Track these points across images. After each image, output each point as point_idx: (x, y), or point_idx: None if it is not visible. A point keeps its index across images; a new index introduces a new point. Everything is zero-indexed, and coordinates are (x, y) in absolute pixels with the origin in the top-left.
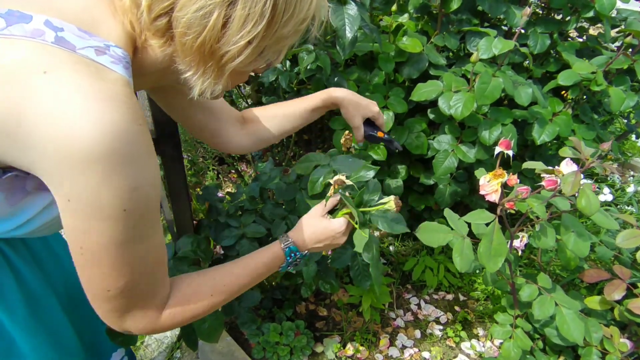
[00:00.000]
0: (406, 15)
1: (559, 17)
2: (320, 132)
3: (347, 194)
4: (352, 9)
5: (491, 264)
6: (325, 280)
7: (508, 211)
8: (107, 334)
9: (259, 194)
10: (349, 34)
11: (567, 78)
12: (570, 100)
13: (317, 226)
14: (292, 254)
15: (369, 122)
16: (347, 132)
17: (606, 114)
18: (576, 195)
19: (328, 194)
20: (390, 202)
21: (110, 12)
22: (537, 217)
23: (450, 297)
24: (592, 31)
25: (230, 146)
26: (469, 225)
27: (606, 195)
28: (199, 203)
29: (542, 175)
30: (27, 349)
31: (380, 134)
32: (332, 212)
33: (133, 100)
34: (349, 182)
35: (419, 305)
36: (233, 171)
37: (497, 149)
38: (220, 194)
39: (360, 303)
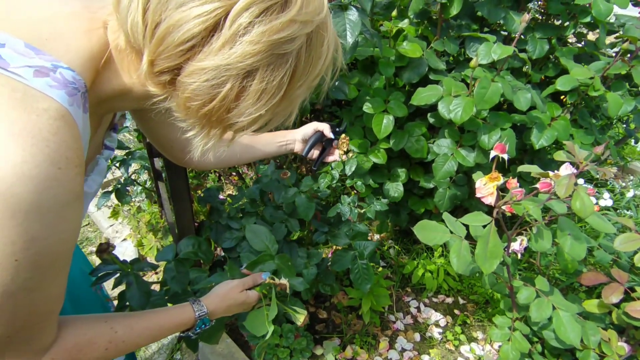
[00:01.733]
0: (406, 20)
1: (558, 22)
2: None
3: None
4: (353, 15)
5: (487, 265)
6: (325, 282)
7: (506, 214)
8: None
9: (260, 197)
10: (349, 39)
11: (565, 83)
12: (568, 105)
13: (236, 299)
14: (203, 325)
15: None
16: (343, 135)
17: (604, 118)
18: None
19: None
20: (301, 317)
21: (81, 27)
22: (534, 220)
23: (449, 300)
24: (591, 37)
25: (194, 163)
26: (468, 227)
27: (606, 200)
28: (200, 205)
29: (537, 179)
30: None
31: (327, 159)
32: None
33: (61, 136)
34: (287, 286)
35: (418, 308)
36: (234, 173)
37: (493, 153)
38: (221, 197)
39: (360, 306)
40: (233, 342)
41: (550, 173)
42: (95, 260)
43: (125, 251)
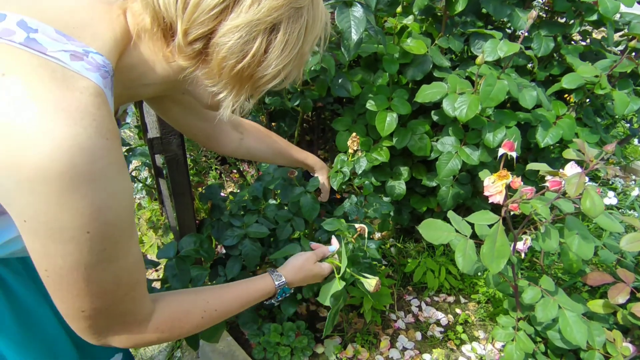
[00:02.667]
0: (411, 17)
1: (563, 20)
2: (322, 133)
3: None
4: (357, 11)
5: (494, 265)
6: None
7: (512, 213)
8: None
9: (262, 194)
10: (354, 36)
11: (571, 81)
12: (573, 104)
13: (312, 271)
14: (284, 293)
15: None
16: (354, 134)
17: (609, 117)
18: (580, 197)
19: (347, 240)
20: (373, 281)
21: (103, 17)
22: (541, 220)
23: (451, 299)
24: (596, 35)
25: (220, 149)
26: (472, 226)
27: (611, 198)
28: (201, 202)
29: (545, 177)
30: None
31: (337, 196)
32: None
33: (103, 111)
34: (366, 232)
35: (420, 307)
36: (235, 171)
37: (501, 151)
38: (222, 194)
39: (361, 304)
40: (234, 340)
41: (560, 172)
42: None
43: None
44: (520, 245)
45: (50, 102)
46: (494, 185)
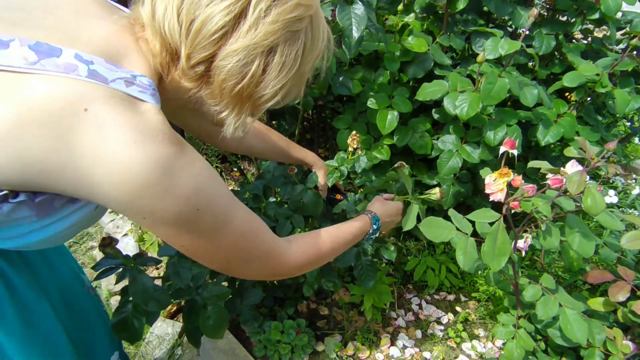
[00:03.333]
0: (412, 15)
1: (564, 18)
2: (322, 131)
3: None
4: (358, 9)
5: (495, 263)
6: (328, 279)
7: (512, 211)
8: (113, 330)
9: (263, 192)
10: (355, 34)
11: (572, 79)
12: (574, 102)
13: (390, 205)
14: (376, 222)
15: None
16: (354, 132)
17: (610, 116)
18: (581, 195)
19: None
20: (436, 190)
21: (133, 46)
22: (542, 218)
23: (451, 297)
24: (597, 33)
25: (222, 146)
26: (473, 224)
27: (612, 197)
28: None
29: (547, 175)
30: None
31: (338, 197)
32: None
33: (166, 124)
34: (406, 166)
35: (420, 305)
36: (235, 169)
37: (502, 149)
38: None
39: (362, 302)
40: (234, 338)
41: (561, 170)
42: (97, 256)
43: (126, 246)
44: (520, 244)
45: (131, 127)
46: (495, 183)
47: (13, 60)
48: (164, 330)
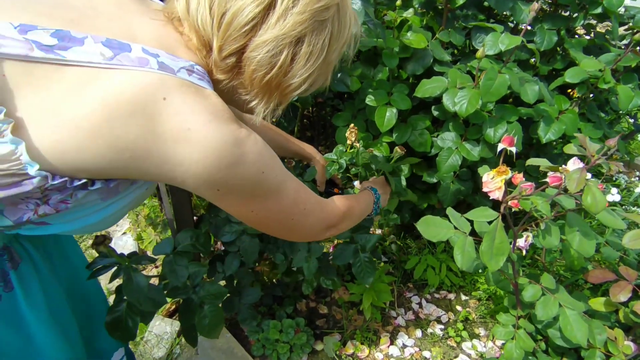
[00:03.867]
0: (411, 10)
1: (567, 13)
2: (323, 129)
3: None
4: (356, 4)
5: (493, 262)
6: (327, 277)
7: (512, 210)
8: (107, 329)
9: None
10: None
11: (574, 75)
12: (576, 99)
13: (376, 180)
14: (376, 193)
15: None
16: (352, 125)
17: (613, 112)
18: (582, 193)
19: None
20: (396, 149)
21: (180, 39)
22: (542, 216)
23: (452, 296)
24: (600, 29)
25: None
26: (472, 223)
27: (614, 195)
28: (199, 199)
29: (547, 173)
30: (46, 344)
31: (336, 190)
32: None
33: (225, 105)
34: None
35: (420, 304)
36: None
37: (500, 146)
38: None
39: (361, 301)
40: (233, 337)
41: (562, 168)
42: (95, 255)
43: (125, 245)
44: (521, 242)
45: (203, 111)
46: (493, 181)
47: (91, 56)
48: (162, 329)
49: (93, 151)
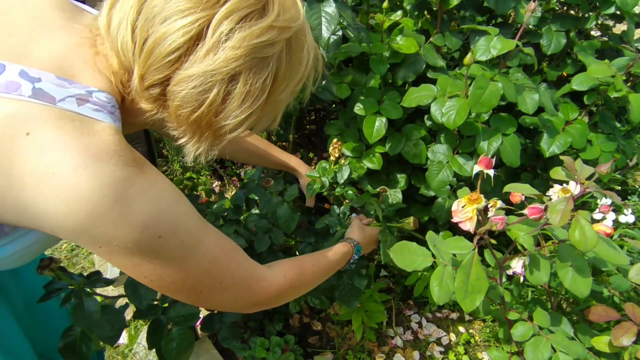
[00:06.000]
0: (399, 12)
1: (581, 14)
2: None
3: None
4: (329, 7)
5: (467, 302)
6: (315, 295)
7: (493, 236)
8: (60, 354)
9: (245, 203)
10: (325, 34)
11: (582, 82)
12: (588, 107)
13: (369, 232)
14: (358, 252)
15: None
16: (335, 140)
17: (629, 122)
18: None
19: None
20: (410, 220)
21: (92, 62)
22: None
23: (454, 315)
24: (617, 30)
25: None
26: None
27: (627, 215)
28: None
29: (526, 202)
30: None
31: (327, 206)
32: None
33: (122, 145)
34: (388, 191)
35: (420, 323)
36: (234, 176)
37: (476, 168)
38: (201, 202)
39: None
40: (219, 353)
41: (552, 191)
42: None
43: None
44: (518, 268)
45: (80, 150)
46: (463, 211)
47: None
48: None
49: None
